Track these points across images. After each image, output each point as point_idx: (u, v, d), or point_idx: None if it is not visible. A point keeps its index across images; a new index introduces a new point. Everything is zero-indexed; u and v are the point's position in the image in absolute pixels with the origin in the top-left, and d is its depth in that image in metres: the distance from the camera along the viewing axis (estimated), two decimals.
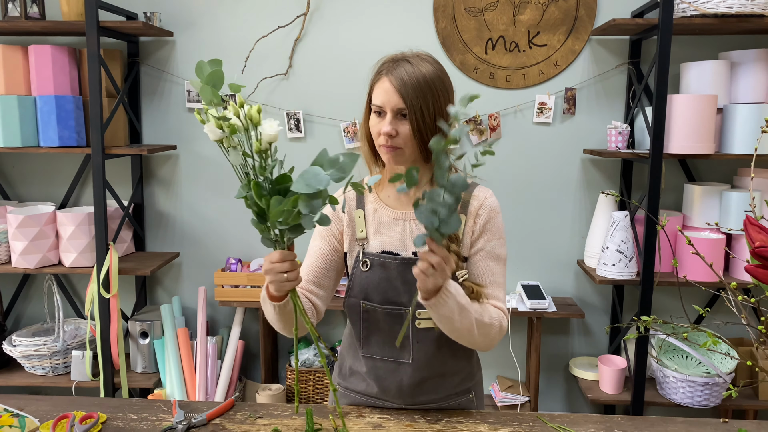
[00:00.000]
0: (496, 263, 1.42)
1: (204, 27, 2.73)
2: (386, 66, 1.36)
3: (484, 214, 1.42)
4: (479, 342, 1.34)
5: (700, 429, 1.42)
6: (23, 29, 2.51)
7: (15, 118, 2.44)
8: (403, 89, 1.30)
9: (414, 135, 1.32)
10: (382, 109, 1.34)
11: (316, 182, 1.08)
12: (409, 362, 1.44)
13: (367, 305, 1.43)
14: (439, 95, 1.33)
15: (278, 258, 1.21)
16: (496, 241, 1.42)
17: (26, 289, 2.96)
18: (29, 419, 1.39)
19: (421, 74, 1.31)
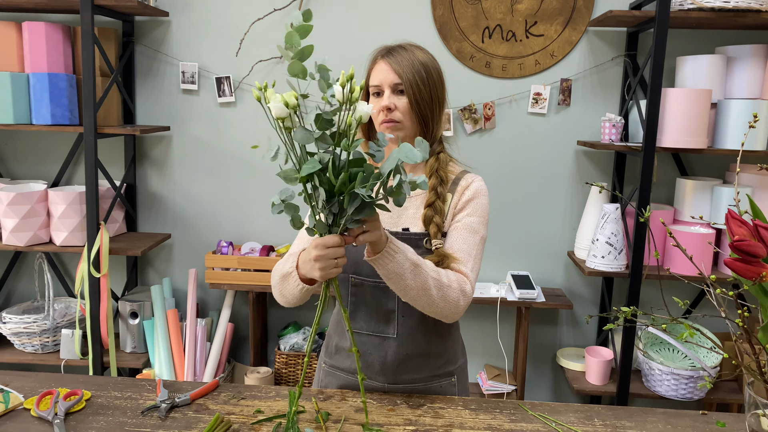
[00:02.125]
0: (471, 235, 1.43)
1: (199, 8, 2.72)
2: (381, 51, 1.46)
3: (469, 192, 1.46)
4: (440, 306, 1.33)
5: (678, 420, 1.43)
6: (17, 5, 2.49)
7: (8, 95, 2.43)
8: (398, 67, 1.40)
9: (412, 107, 1.40)
10: (380, 88, 1.42)
11: (413, 156, 1.12)
12: (394, 337, 1.46)
13: (356, 279, 1.46)
14: (432, 75, 1.43)
15: (336, 242, 1.20)
16: (476, 217, 1.45)
17: (17, 266, 2.96)
18: (14, 395, 1.40)
19: (415, 56, 1.42)
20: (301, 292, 1.37)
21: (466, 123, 2.69)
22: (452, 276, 1.36)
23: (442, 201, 1.44)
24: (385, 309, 1.46)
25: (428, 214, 1.43)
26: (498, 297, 2.58)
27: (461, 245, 1.42)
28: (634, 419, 1.43)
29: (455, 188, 1.47)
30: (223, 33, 2.71)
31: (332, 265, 1.22)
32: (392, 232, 1.43)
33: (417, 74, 1.39)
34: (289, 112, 1.13)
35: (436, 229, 1.42)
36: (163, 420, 1.34)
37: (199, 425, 1.33)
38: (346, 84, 1.14)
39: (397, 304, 1.45)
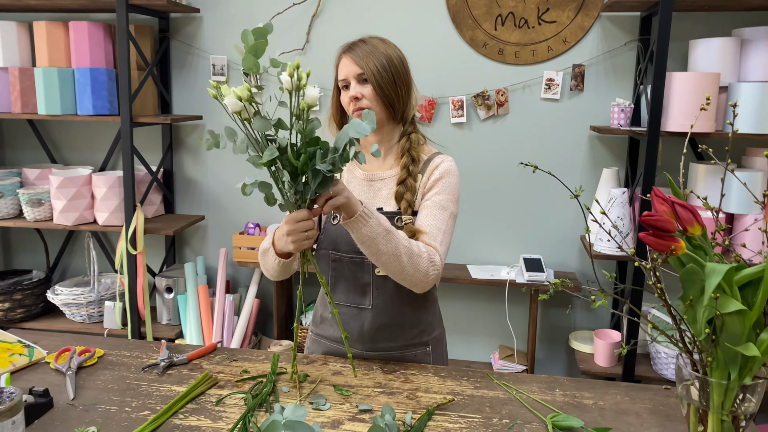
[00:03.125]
0: (440, 211, 1.52)
1: (228, 4, 2.90)
2: (344, 48, 1.56)
3: (438, 172, 1.55)
4: (410, 273, 1.42)
5: (638, 393, 1.49)
6: (63, 6, 2.74)
7: (56, 88, 2.69)
8: (359, 59, 1.50)
9: (376, 93, 1.50)
10: (346, 81, 1.52)
11: (362, 130, 1.26)
12: (370, 308, 1.58)
13: (335, 255, 1.58)
14: (394, 61, 1.52)
15: (304, 216, 1.32)
16: (445, 195, 1.53)
17: (70, 244, 3.26)
18: (37, 350, 1.61)
19: (374, 47, 1.52)
20: (279, 265, 1.51)
21: (480, 109, 2.76)
22: (422, 247, 1.45)
23: (414, 179, 1.54)
24: (361, 282, 1.58)
25: (399, 190, 1.53)
26: (507, 279, 2.65)
27: (431, 221, 1.51)
28: (594, 391, 1.50)
29: (426, 168, 1.56)
30: (249, 26, 2.87)
31: (303, 237, 1.34)
32: None
33: (378, 63, 1.49)
34: (243, 105, 1.25)
35: (406, 204, 1.52)
36: (160, 375, 1.52)
37: (191, 381, 1.49)
38: (293, 73, 1.25)
39: (372, 278, 1.56)
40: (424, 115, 2.77)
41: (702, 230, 1.10)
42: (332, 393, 1.44)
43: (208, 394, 1.43)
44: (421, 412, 1.35)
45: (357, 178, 1.61)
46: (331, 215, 1.59)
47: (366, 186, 1.60)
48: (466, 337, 2.98)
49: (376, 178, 1.59)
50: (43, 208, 2.84)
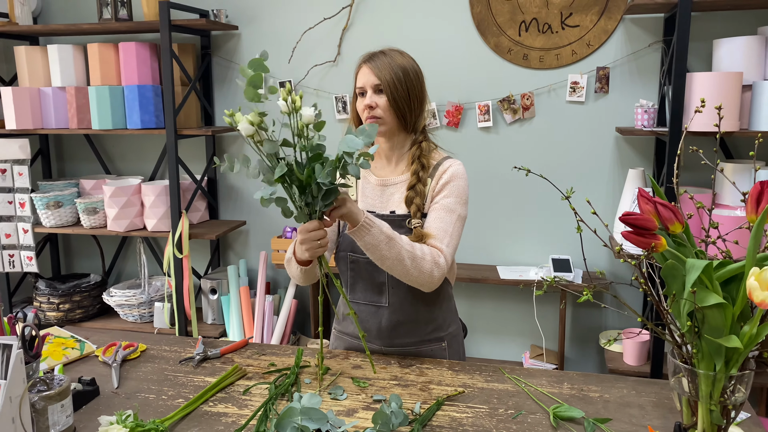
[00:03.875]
0: (448, 214, 1.61)
1: (264, 21, 3.06)
2: (364, 57, 1.65)
3: (446, 176, 1.64)
4: (415, 275, 1.52)
5: (645, 388, 1.54)
6: (113, 29, 2.96)
7: (107, 105, 2.91)
8: (377, 70, 1.59)
9: (390, 105, 1.59)
10: (363, 89, 1.61)
11: (354, 144, 1.36)
12: (386, 305, 1.68)
13: (353, 256, 1.69)
14: (410, 74, 1.61)
15: (315, 226, 1.43)
16: (453, 198, 1.62)
17: (124, 250, 3.48)
18: (88, 344, 1.79)
19: (392, 59, 1.61)
20: (302, 273, 1.64)
21: (506, 113, 2.82)
22: (426, 249, 1.55)
23: (423, 184, 1.63)
24: (378, 281, 1.68)
25: (409, 195, 1.63)
26: (535, 279, 2.71)
27: (438, 224, 1.61)
28: (602, 384, 1.56)
29: (435, 173, 1.65)
30: (284, 42, 3.04)
31: (316, 246, 1.46)
32: (380, 214, 1.66)
33: (395, 75, 1.57)
34: (255, 129, 1.38)
35: (416, 209, 1.61)
36: (195, 368, 1.66)
37: (222, 372, 1.63)
38: (287, 98, 1.37)
39: (387, 277, 1.66)
40: (451, 120, 2.86)
41: (683, 228, 1.15)
42: (350, 385, 1.55)
43: (237, 384, 1.56)
44: (431, 403, 1.45)
45: (371, 184, 1.72)
46: None
47: (379, 191, 1.70)
48: (498, 337, 3.04)
49: (389, 183, 1.69)
50: (97, 216, 3.06)
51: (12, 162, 3.06)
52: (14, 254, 3.16)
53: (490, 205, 2.93)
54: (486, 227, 2.95)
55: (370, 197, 1.70)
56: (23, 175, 3.07)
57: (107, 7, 2.93)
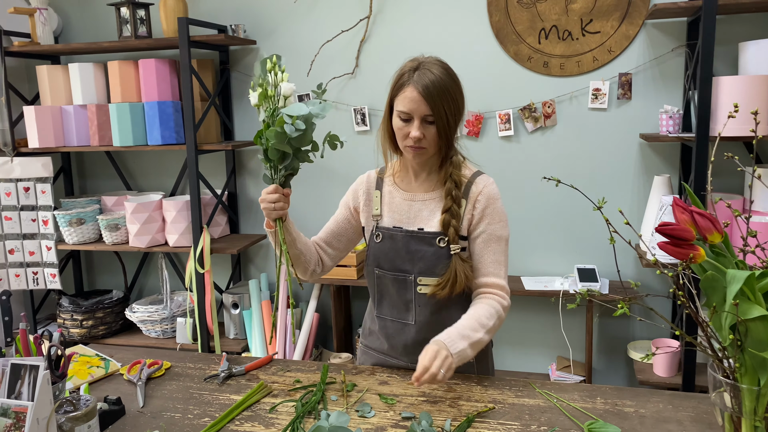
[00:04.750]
0: (497, 244, 1.60)
1: (282, 35, 3.07)
2: (408, 75, 1.52)
3: (483, 200, 1.59)
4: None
5: (682, 402, 1.50)
6: (133, 46, 2.98)
7: (128, 121, 2.92)
8: (429, 98, 1.47)
9: (440, 137, 1.53)
10: (409, 116, 1.51)
11: (299, 110, 1.44)
12: (413, 323, 1.65)
13: (379, 272, 1.67)
14: (457, 100, 1.53)
15: (271, 190, 1.53)
16: (496, 224, 1.60)
17: (146, 265, 3.50)
18: (113, 362, 1.78)
19: (441, 81, 1.49)
20: (270, 236, 1.67)
21: (527, 122, 2.79)
22: (492, 311, 1.56)
23: (458, 205, 1.59)
24: (404, 299, 1.65)
25: (446, 219, 1.58)
26: (561, 290, 2.66)
27: (492, 257, 1.60)
28: (636, 399, 1.51)
29: (468, 193, 1.60)
30: (302, 55, 3.04)
31: (271, 207, 1.53)
32: (408, 230, 1.62)
33: (446, 106, 1.48)
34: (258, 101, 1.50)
35: (454, 233, 1.57)
36: (220, 386, 1.65)
37: (247, 390, 1.61)
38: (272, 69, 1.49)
39: (414, 295, 1.63)
40: (472, 130, 2.83)
41: (722, 238, 1.11)
42: (377, 401, 1.52)
43: (263, 402, 1.54)
44: (461, 420, 1.41)
45: (397, 198, 1.67)
46: (374, 234, 1.68)
47: (407, 206, 1.66)
48: (524, 349, 3.00)
49: (416, 199, 1.65)
50: (120, 232, 3.08)
51: (35, 180, 3.09)
52: (38, 272, 3.18)
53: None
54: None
55: (397, 212, 1.67)
56: (46, 193, 3.10)
57: (127, 25, 2.95)
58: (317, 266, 1.75)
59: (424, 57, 1.57)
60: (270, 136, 1.46)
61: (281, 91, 1.50)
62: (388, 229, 1.66)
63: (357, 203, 1.74)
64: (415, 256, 1.61)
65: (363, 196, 1.73)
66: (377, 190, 1.71)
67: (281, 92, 1.50)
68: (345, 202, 1.78)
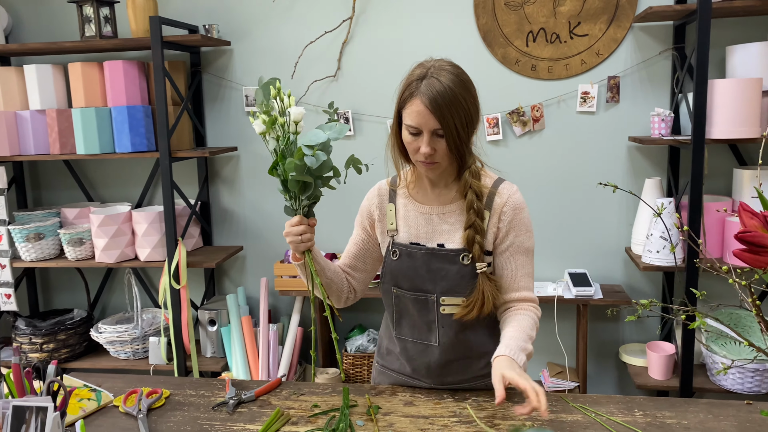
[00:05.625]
0: (525, 256, 1.53)
1: (258, 36, 2.92)
2: (415, 85, 1.40)
3: (509, 212, 1.49)
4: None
5: (721, 410, 1.46)
6: (98, 47, 2.77)
7: (93, 127, 2.71)
8: (437, 112, 1.35)
9: (450, 150, 1.40)
10: (418, 130, 1.39)
11: (316, 138, 1.38)
12: (436, 345, 1.55)
13: (398, 291, 1.56)
14: (469, 106, 1.40)
15: (296, 222, 1.44)
16: (523, 236, 1.51)
17: (110, 281, 3.26)
18: (104, 393, 1.61)
19: (450, 90, 1.36)
20: (299, 269, 1.56)
21: (515, 126, 2.75)
22: (531, 320, 1.51)
23: (481, 218, 1.48)
24: (426, 320, 1.55)
25: (470, 235, 1.46)
26: (555, 295, 2.62)
27: (522, 271, 1.53)
28: (675, 409, 1.47)
29: (491, 204, 1.49)
30: (281, 57, 2.91)
31: (298, 240, 1.44)
32: (428, 247, 1.52)
33: (455, 117, 1.36)
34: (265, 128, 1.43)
35: (479, 249, 1.46)
36: (231, 414, 1.51)
37: (263, 418, 1.48)
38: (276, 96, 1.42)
39: (437, 316, 1.53)
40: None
41: None
42: (408, 425, 1.42)
43: (284, 431, 1.41)
44: None
45: (413, 212, 1.56)
46: (391, 250, 1.57)
47: (424, 220, 1.54)
48: None
49: (434, 212, 1.54)
50: (84, 247, 2.85)
51: None
52: None
53: None
54: None
55: (413, 227, 1.55)
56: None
57: (90, 24, 2.75)
58: (350, 293, 1.66)
59: (433, 61, 1.45)
60: (289, 168, 1.38)
61: (291, 117, 1.42)
62: (406, 246, 1.54)
63: (372, 220, 1.62)
64: (437, 275, 1.50)
65: (376, 211, 1.61)
66: (390, 203, 1.59)
67: (291, 118, 1.42)
68: (360, 222, 1.65)
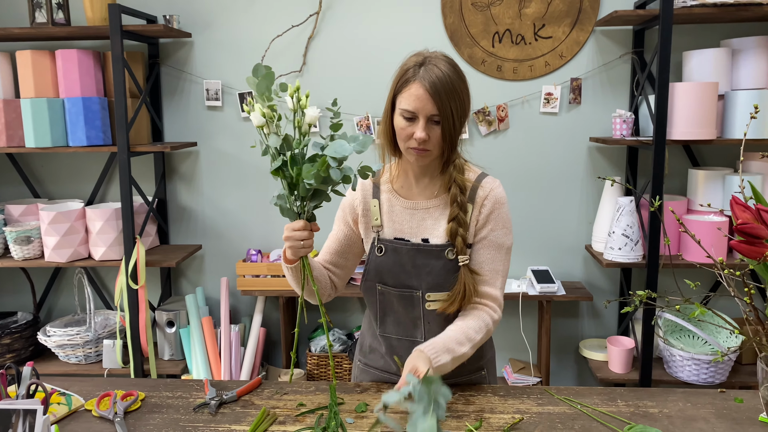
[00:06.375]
0: (497, 252, 1.50)
1: (220, 28, 2.84)
2: (413, 70, 1.39)
3: (489, 204, 1.49)
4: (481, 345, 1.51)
5: (698, 399, 1.51)
6: (50, 35, 2.63)
7: (45, 119, 2.57)
8: (437, 96, 1.35)
9: (444, 139, 1.40)
10: (414, 114, 1.38)
11: (342, 150, 1.30)
12: (422, 341, 1.54)
13: (382, 288, 1.54)
14: (464, 97, 1.41)
15: (300, 226, 1.38)
16: (500, 230, 1.50)
17: (57, 282, 3.10)
18: (75, 397, 1.52)
19: (449, 78, 1.37)
20: (289, 271, 1.51)
21: (481, 125, 2.78)
22: (481, 324, 1.47)
23: (464, 211, 1.48)
24: (412, 316, 1.54)
25: (453, 228, 1.46)
26: (519, 292, 2.66)
27: (489, 265, 1.49)
28: (655, 399, 1.51)
29: (474, 197, 1.49)
30: (244, 50, 2.84)
31: (299, 245, 1.39)
32: (413, 243, 1.51)
33: (453, 105, 1.37)
34: (265, 121, 1.34)
35: (462, 242, 1.46)
36: (214, 415, 1.45)
37: (248, 419, 1.43)
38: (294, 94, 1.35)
39: (422, 312, 1.52)
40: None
41: None
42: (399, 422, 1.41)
43: (272, 431, 1.37)
44: None
45: (398, 207, 1.55)
46: (376, 246, 1.55)
47: (408, 215, 1.53)
48: None
49: (419, 207, 1.53)
50: (32, 246, 2.69)
51: None
52: None
53: None
54: None
55: (398, 222, 1.54)
56: None
57: (41, 11, 2.60)
58: (332, 290, 1.62)
59: (429, 52, 1.45)
60: (307, 176, 1.31)
61: (306, 118, 1.36)
62: (391, 241, 1.53)
63: (355, 215, 1.59)
64: (422, 270, 1.50)
65: (360, 206, 1.58)
66: (374, 199, 1.57)
67: (306, 120, 1.36)
68: (342, 218, 1.61)
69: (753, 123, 2.37)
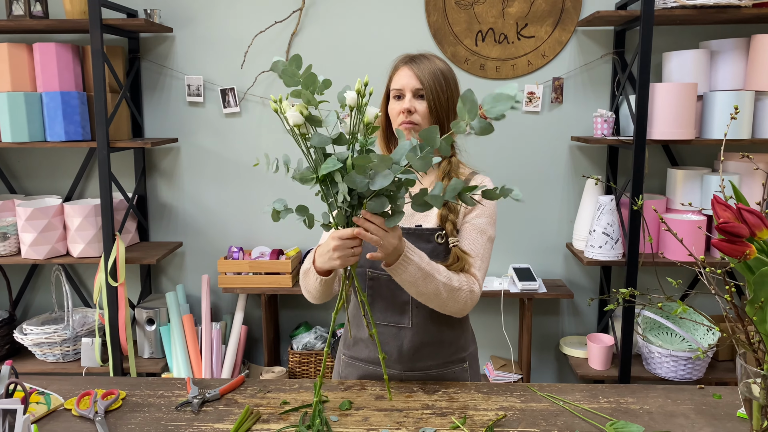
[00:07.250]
0: (479, 235, 1.55)
1: (202, 22, 2.81)
2: (404, 59, 1.57)
3: (477, 195, 1.53)
4: (450, 306, 1.47)
5: (677, 395, 1.53)
6: (27, 27, 2.58)
7: (22, 114, 2.52)
8: (420, 73, 1.51)
9: (431, 112, 1.51)
10: (401, 92, 1.53)
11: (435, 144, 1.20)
12: (409, 327, 1.56)
13: (372, 273, 1.57)
14: (450, 83, 1.55)
15: (350, 234, 1.31)
16: (484, 218, 1.56)
17: (34, 279, 3.05)
18: (54, 396, 1.49)
19: (435, 65, 1.54)
20: (320, 284, 1.48)
21: None
22: (462, 279, 1.48)
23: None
24: (400, 301, 1.56)
25: (443, 213, 1.54)
26: (501, 290, 2.68)
27: (470, 245, 1.53)
28: (636, 395, 1.53)
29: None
30: (226, 46, 2.81)
31: (349, 254, 1.34)
32: (406, 228, 1.54)
33: (436, 81, 1.50)
34: (304, 120, 1.25)
35: (452, 227, 1.53)
36: (197, 414, 1.44)
37: (231, 417, 1.42)
38: (362, 89, 1.28)
39: (410, 297, 1.55)
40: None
41: None
42: (383, 419, 1.41)
43: (256, 429, 1.36)
44: (481, 431, 1.34)
45: None
46: None
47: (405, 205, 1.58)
48: None
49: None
50: (8, 243, 2.65)
51: None
52: None
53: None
54: None
55: None
56: None
57: (18, 2, 2.55)
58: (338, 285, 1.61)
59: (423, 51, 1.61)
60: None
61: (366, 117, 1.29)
62: None
63: None
64: None
65: None
66: None
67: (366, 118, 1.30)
68: None
69: (730, 123, 2.41)
